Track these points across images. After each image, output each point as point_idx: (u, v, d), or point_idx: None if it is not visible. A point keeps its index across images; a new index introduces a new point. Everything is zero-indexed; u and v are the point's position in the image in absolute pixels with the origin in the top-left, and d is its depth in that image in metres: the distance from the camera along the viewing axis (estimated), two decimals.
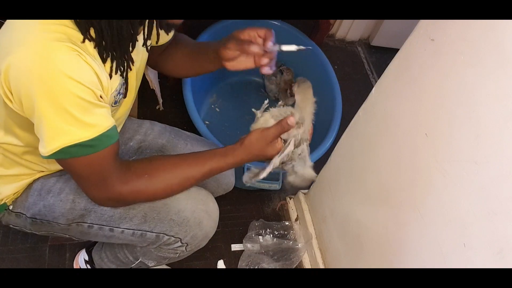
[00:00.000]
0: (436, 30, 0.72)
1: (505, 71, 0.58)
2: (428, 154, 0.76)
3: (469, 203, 0.67)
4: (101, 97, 0.65)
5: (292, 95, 1.61)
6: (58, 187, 0.82)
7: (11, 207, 0.83)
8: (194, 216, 0.85)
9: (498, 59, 0.59)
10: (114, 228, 0.83)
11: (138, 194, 0.75)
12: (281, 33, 1.58)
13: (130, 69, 0.73)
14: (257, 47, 0.82)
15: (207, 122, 1.56)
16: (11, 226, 0.87)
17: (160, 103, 1.58)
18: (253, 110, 0.85)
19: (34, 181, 0.83)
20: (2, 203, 0.81)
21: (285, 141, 0.79)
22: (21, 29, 0.60)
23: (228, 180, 1.05)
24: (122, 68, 0.71)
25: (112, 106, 0.75)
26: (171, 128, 1.05)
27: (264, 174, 0.81)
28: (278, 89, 1.64)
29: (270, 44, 0.82)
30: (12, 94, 0.62)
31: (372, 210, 0.98)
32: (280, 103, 0.84)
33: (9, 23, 0.63)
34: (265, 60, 0.84)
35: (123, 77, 0.73)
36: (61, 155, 0.63)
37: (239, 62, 0.87)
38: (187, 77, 0.99)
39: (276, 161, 0.79)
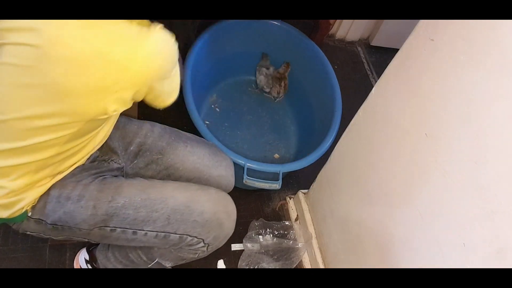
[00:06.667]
0: (436, 30, 0.72)
1: (505, 71, 0.59)
2: (428, 154, 0.76)
3: (469, 203, 0.67)
4: None
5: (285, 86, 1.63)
6: (77, 193, 0.82)
7: (29, 214, 0.81)
8: (216, 217, 0.88)
9: (498, 59, 0.59)
10: (138, 231, 0.84)
11: None
12: (281, 33, 1.59)
13: None
14: None
15: (207, 122, 1.56)
16: (28, 233, 0.85)
17: None
18: None
19: (51, 187, 0.81)
20: (23, 211, 0.79)
21: None
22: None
23: (228, 181, 1.06)
24: None
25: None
26: (171, 130, 1.05)
27: None
28: (267, 80, 1.66)
29: None
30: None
31: (372, 209, 0.98)
32: None
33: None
34: None
35: None
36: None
37: None
38: None
39: None
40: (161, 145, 1.00)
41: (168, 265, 0.97)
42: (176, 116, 1.56)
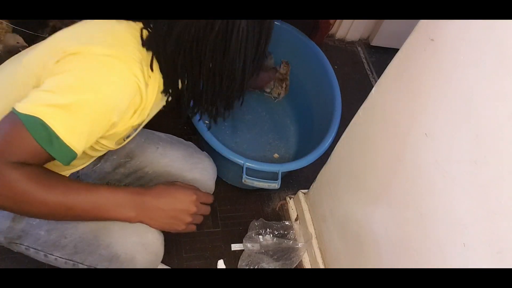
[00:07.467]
0: (436, 30, 0.72)
1: (505, 71, 0.59)
2: (428, 154, 0.76)
3: (469, 203, 0.67)
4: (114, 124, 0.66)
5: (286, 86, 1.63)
6: None
7: None
8: (125, 251, 0.77)
9: (498, 59, 0.59)
10: (48, 255, 0.80)
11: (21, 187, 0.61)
12: (281, 33, 1.59)
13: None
14: None
15: (207, 122, 1.56)
16: None
17: None
18: None
19: None
20: None
21: None
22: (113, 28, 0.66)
23: (204, 186, 0.98)
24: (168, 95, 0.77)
25: (124, 140, 0.75)
26: (145, 131, 0.99)
27: None
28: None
29: None
30: None
31: (372, 209, 0.98)
32: None
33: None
34: None
35: (166, 101, 0.80)
36: (29, 122, 0.57)
37: None
38: None
39: None
40: (129, 147, 0.95)
41: None
42: (176, 117, 1.56)
